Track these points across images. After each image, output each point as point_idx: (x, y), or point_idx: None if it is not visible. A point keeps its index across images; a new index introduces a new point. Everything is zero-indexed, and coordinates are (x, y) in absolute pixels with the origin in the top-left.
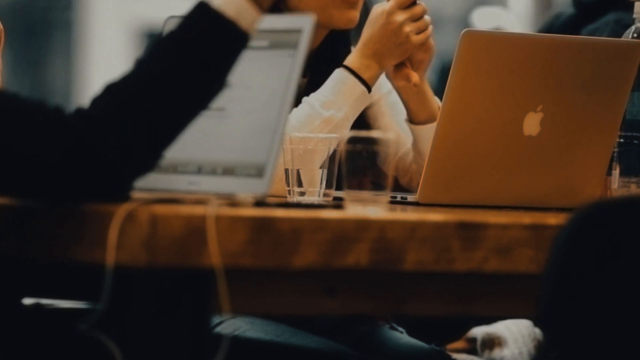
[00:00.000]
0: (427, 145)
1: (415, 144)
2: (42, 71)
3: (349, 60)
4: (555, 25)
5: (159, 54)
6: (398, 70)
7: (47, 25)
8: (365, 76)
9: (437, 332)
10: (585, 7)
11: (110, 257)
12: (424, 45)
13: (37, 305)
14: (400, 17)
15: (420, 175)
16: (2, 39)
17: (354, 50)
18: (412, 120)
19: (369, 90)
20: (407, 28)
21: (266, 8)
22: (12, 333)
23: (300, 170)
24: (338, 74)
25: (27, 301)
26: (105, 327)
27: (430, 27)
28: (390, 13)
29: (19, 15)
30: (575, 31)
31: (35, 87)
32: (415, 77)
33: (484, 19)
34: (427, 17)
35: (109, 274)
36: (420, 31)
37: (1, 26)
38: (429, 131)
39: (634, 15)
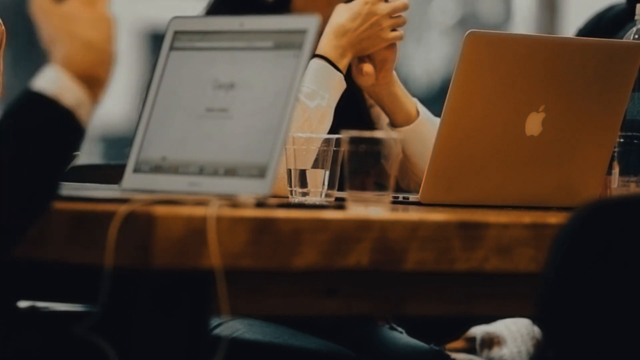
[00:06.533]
0: (409, 147)
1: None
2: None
3: (324, 49)
4: (605, 18)
5: None
6: (358, 65)
7: None
8: (340, 65)
9: (436, 332)
10: (635, 2)
11: (109, 258)
12: (390, 44)
13: (32, 308)
14: (383, 9)
15: (415, 177)
16: (4, 41)
17: (328, 35)
18: (391, 123)
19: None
20: (385, 22)
21: (99, 100)
22: (7, 336)
23: (302, 171)
24: (315, 64)
25: (23, 304)
26: (102, 330)
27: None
28: (374, 3)
29: (20, 14)
30: (623, 26)
31: None
32: (368, 67)
33: None
34: (403, 15)
35: (107, 275)
36: (395, 28)
37: (3, 28)
38: (407, 133)
39: (636, 17)
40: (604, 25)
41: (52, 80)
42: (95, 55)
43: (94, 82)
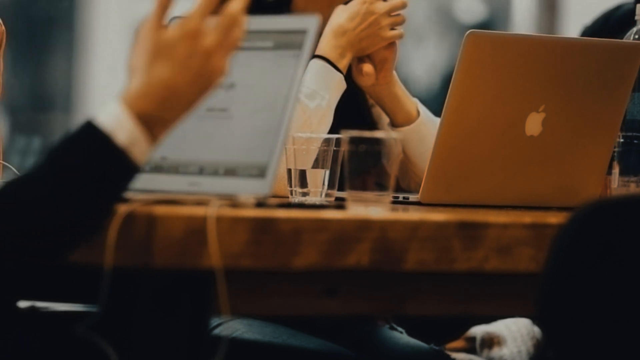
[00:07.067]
0: (409, 147)
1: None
2: (43, 70)
3: (324, 50)
4: (612, 17)
5: (42, 172)
6: (358, 65)
7: (49, 24)
8: (340, 65)
9: (436, 332)
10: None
11: (109, 258)
12: (389, 44)
13: (32, 308)
14: (381, 8)
15: (415, 177)
16: (4, 41)
17: (327, 36)
18: (392, 123)
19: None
20: (384, 21)
21: (159, 140)
22: (7, 336)
23: (302, 171)
24: (315, 64)
25: (23, 304)
26: (102, 330)
27: (402, 30)
28: (372, 2)
29: (20, 13)
30: (631, 25)
31: (35, 87)
32: (368, 67)
33: None
34: (402, 14)
35: (107, 275)
36: (394, 27)
37: (3, 28)
38: (407, 134)
39: (636, 17)
40: (611, 24)
41: (111, 116)
42: (166, 97)
43: (155, 123)
